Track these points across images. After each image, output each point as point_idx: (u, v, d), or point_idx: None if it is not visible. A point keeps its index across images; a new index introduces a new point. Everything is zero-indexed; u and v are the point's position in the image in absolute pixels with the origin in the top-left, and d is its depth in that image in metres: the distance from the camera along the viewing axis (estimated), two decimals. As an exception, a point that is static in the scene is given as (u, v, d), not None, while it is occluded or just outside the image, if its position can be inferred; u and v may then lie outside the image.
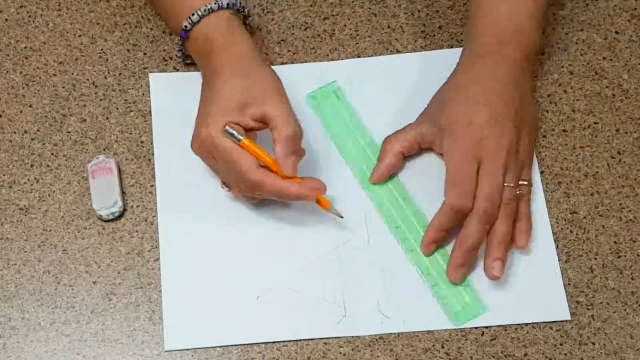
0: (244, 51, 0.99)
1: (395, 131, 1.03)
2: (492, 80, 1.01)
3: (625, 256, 1.01)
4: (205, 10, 1.00)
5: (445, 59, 1.09)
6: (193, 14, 1.00)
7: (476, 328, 0.97)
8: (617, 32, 1.11)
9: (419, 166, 1.03)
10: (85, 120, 1.06)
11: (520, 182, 1.00)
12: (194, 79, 1.07)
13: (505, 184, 0.98)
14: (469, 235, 0.97)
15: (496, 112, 0.99)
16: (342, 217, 0.99)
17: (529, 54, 1.03)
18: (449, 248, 0.99)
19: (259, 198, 1.00)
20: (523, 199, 1.00)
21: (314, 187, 0.97)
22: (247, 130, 0.96)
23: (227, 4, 1.01)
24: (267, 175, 0.95)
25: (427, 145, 1.02)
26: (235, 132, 0.95)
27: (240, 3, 1.02)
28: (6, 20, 1.11)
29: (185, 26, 1.01)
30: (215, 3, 1.00)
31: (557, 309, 0.98)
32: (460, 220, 0.98)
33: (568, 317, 0.98)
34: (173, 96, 1.07)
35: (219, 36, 1.00)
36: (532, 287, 0.99)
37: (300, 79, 1.07)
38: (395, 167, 1.02)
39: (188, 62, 1.07)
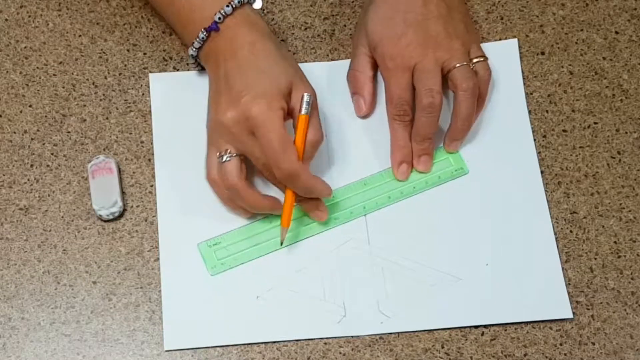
0: (268, 32, 1.01)
1: (352, 69, 1.06)
2: None
3: (625, 256, 1.01)
4: (238, 2, 1.00)
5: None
6: (227, 5, 0.99)
7: (476, 327, 0.97)
8: (617, 32, 1.11)
9: None
10: (85, 120, 1.06)
11: (473, 59, 1.03)
12: (194, 79, 1.08)
13: (457, 65, 1.01)
14: (417, 129, 1.01)
15: (413, 18, 1.02)
16: (280, 244, 1.00)
17: None
18: None
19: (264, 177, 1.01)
20: (482, 79, 1.03)
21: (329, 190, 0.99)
22: (285, 119, 0.97)
23: (240, 2, 1.01)
24: (303, 169, 0.96)
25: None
26: (307, 105, 0.98)
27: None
28: (6, 20, 1.11)
29: (219, 18, 0.99)
30: (228, 6, 1.00)
31: (559, 307, 0.98)
32: (410, 130, 1.02)
33: (570, 315, 0.98)
34: (173, 96, 1.07)
35: (247, 24, 1.00)
36: (534, 286, 0.99)
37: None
38: (374, 96, 1.06)
39: (195, 67, 1.07)
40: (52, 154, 1.05)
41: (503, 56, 1.09)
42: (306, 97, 0.97)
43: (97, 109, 1.07)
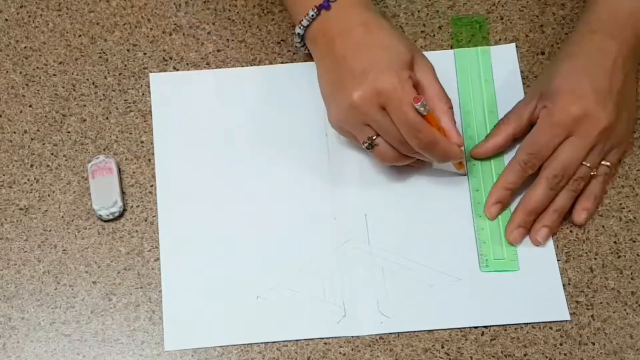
0: (376, 10, 1.00)
1: (511, 110, 1.04)
2: (600, 55, 1.00)
3: (625, 256, 1.01)
4: None
5: (445, 59, 1.09)
6: None
7: (476, 328, 0.97)
8: (617, 32, 1.11)
9: None
10: (85, 120, 1.06)
11: (602, 163, 1.00)
12: (194, 78, 1.08)
13: (584, 162, 0.99)
14: (532, 195, 0.99)
15: (600, 87, 0.99)
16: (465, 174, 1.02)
17: None
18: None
19: (397, 163, 1.00)
20: (597, 178, 1.01)
21: (459, 141, 0.98)
22: None
23: None
24: (439, 135, 0.96)
25: (536, 120, 1.02)
26: (425, 105, 0.95)
27: None
28: (6, 20, 1.11)
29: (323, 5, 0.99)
30: None
31: (557, 309, 0.98)
32: (526, 184, 1.00)
33: (567, 318, 0.98)
34: (173, 96, 1.07)
35: (356, 4, 1.00)
36: (532, 287, 0.99)
37: (300, 78, 1.07)
38: (502, 148, 1.03)
39: (300, 46, 1.05)
40: (52, 154, 1.05)
41: (502, 58, 1.09)
42: (420, 103, 0.95)
43: (97, 109, 1.07)
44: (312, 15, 1.00)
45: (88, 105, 1.07)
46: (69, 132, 1.06)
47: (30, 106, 1.07)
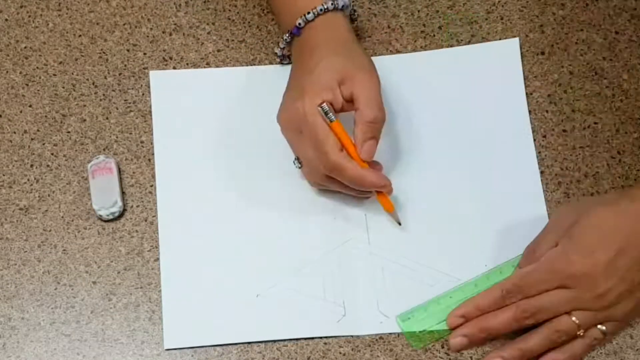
0: (342, 34, 1.01)
1: (533, 243, 0.96)
2: (635, 222, 0.92)
3: (625, 256, 1.01)
4: (321, 10, 1.00)
5: (445, 59, 1.09)
6: (308, 13, 1.00)
7: (476, 328, 0.97)
8: (617, 32, 1.11)
9: None
10: (85, 120, 1.06)
11: (597, 327, 0.93)
12: (195, 77, 1.08)
13: (573, 318, 0.92)
14: (494, 317, 0.94)
15: (625, 259, 0.91)
16: (400, 224, 1.00)
17: None
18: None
19: (326, 186, 1.00)
20: (584, 340, 0.93)
21: (364, 156, 0.97)
22: (337, 111, 0.97)
23: (342, 6, 1.02)
24: (348, 161, 0.96)
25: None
26: (330, 112, 0.96)
27: (352, 7, 1.04)
28: (6, 20, 1.11)
29: (299, 23, 1.01)
30: (331, 3, 1.01)
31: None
32: (495, 310, 0.94)
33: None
34: (173, 94, 1.07)
35: (325, 28, 1.01)
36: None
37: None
38: None
39: (285, 63, 1.07)
40: (52, 154, 1.05)
41: (504, 55, 1.09)
42: (322, 107, 0.96)
43: (97, 109, 1.07)
44: (286, 40, 1.03)
45: (88, 105, 1.07)
46: (69, 132, 1.06)
47: (30, 106, 1.07)
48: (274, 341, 0.97)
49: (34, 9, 1.12)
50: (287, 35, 1.03)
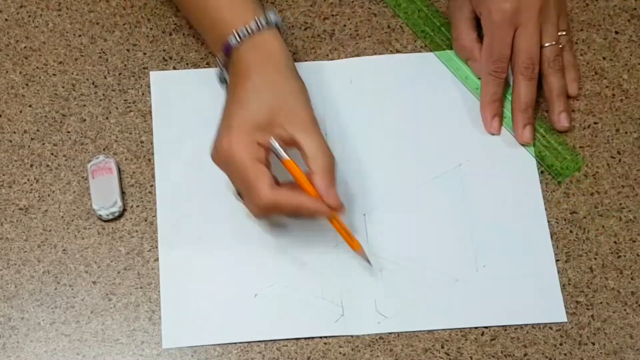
0: (276, 56, 0.96)
1: (452, 36, 1.08)
2: None
3: (625, 256, 1.01)
4: (255, 27, 0.96)
5: (445, 59, 1.09)
6: (241, 30, 0.96)
7: (476, 328, 0.97)
8: (617, 32, 1.11)
9: None
10: (85, 120, 1.06)
11: (559, 34, 1.05)
12: (195, 77, 1.08)
13: (546, 44, 1.04)
14: (518, 94, 1.04)
15: None
16: (370, 264, 0.98)
17: None
18: None
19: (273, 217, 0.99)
20: (565, 49, 1.06)
21: (333, 204, 0.93)
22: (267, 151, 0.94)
23: (275, 23, 0.98)
24: (281, 194, 0.93)
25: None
26: (280, 149, 0.93)
27: (279, 23, 0.99)
28: (6, 20, 1.11)
29: (231, 41, 0.97)
30: (255, 23, 0.96)
31: (554, 310, 0.98)
32: (504, 86, 1.05)
33: (565, 320, 0.98)
34: (173, 94, 1.07)
35: (257, 48, 0.96)
36: (529, 289, 0.99)
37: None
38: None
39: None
40: (52, 154, 1.05)
41: None
42: (272, 144, 0.93)
43: (97, 109, 1.07)
44: (220, 60, 0.99)
45: (88, 105, 1.07)
46: (68, 132, 1.06)
47: (30, 106, 1.07)
48: (274, 341, 0.97)
49: (34, 9, 1.12)
50: (220, 56, 0.98)
